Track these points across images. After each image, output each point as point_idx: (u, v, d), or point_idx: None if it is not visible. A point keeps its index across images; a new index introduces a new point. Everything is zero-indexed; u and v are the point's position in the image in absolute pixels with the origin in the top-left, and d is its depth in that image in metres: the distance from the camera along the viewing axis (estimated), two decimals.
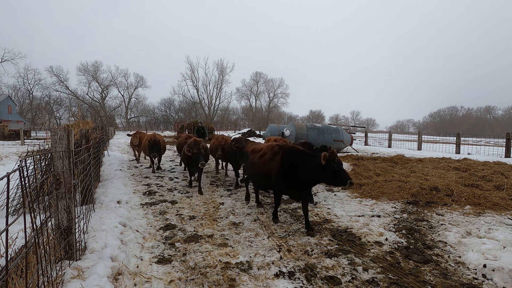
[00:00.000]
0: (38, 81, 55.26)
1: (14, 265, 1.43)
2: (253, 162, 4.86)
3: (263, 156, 4.59)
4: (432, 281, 2.89)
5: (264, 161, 4.51)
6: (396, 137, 23.28)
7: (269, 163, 4.41)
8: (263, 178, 4.58)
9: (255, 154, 4.87)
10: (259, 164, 4.60)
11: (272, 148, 4.55)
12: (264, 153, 4.60)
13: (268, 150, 4.58)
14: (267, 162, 4.46)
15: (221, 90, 65.60)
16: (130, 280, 2.78)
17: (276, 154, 4.36)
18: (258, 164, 4.65)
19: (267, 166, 4.42)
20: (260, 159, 4.61)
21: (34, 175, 3.28)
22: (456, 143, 15.10)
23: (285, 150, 4.29)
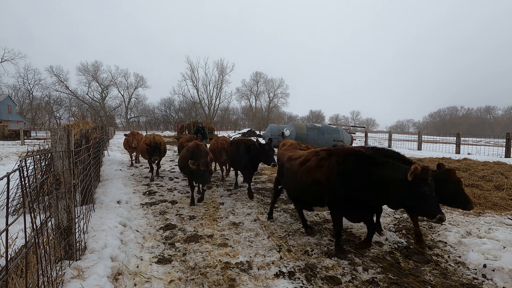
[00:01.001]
0: (38, 81, 55.29)
1: (14, 265, 1.43)
2: (291, 170, 3.96)
3: (305, 163, 3.74)
4: (432, 281, 2.89)
5: (309, 169, 3.61)
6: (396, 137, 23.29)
7: (317, 171, 3.48)
8: (307, 191, 3.67)
9: (294, 161, 4.02)
10: (300, 173, 3.72)
11: (317, 153, 3.73)
12: (307, 159, 3.77)
13: (312, 155, 3.75)
14: (313, 169, 3.55)
15: (221, 90, 65.64)
16: (130, 280, 2.78)
17: (328, 159, 3.45)
18: (298, 172, 3.76)
19: (314, 175, 3.52)
20: (302, 167, 3.74)
21: (34, 175, 3.27)
22: (456, 143, 15.09)
23: (344, 152, 3.36)
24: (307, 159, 3.77)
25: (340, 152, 3.40)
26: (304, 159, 3.82)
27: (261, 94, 70.43)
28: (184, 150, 5.90)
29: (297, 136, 15.33)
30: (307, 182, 3.59)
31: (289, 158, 4.22)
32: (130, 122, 64.77)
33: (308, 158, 3.74)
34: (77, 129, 4.59)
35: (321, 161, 3.50)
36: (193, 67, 63.33)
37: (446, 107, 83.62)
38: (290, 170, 4.04)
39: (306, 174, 3.63)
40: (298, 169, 3.81)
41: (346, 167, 3.20)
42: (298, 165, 3.84)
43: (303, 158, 3.88)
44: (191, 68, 63.28)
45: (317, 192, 3.49)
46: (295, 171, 3.86)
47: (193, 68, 63.30)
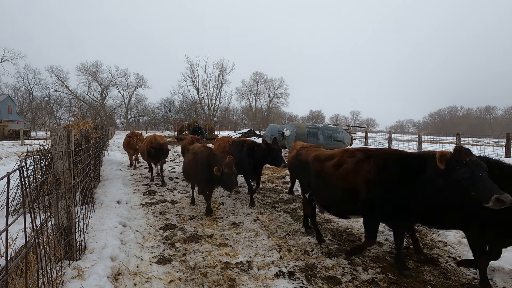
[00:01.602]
0: (38, 81, 55.23)
1: (14, 265, 1.43)
2: (323, 174, 3.47)
3: (340, 165, 3.29)
4: (432, 281, 2.89)
5: (346, 173, 3.17)
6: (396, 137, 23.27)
7: (354, 176, 3.07)
8: (343, 199, 3.21)
9: (324, 162, 3.53)
10: (335, 177, 3.26)
11: (352, 154, 3.30)
12: (342, 161, 3.31)
13: (347, 155, 3.32)
14: (350, 173, 3.12)
15: (221, 90, 65.59)
16: (130, 280, 2.78)
17: (365, 162, 3.08)
18: (332, 176, 3.31)
19: (351, 180, 3.09)
20: (337, 170, 3.29)
21: (34, 175, 3.28)
22: (456, 143, 15.09)
23: (384, 155, 3.01)
24: (341, 160, 3.31)
25: (380, 154, 3.05)
26: (338, 160, 3.34)
27: (261, 94, 70.44)
28: (190, 156, 5.16)
29: (297, 136, 15.32)
30: (344, 188, 3.15)
31: (317, 159, 3.65)
32: (130, 122, 64.73)
33: (343, 160, 3.30)
34: (77, 129, 4.60)
35: (358, 164, 3.11)
36: (193, 67, 63.32)
37: (446, 107, 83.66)
38: (320, 173, 3.48)
39: (342, 179, 3.18)
40: (332, 173, 3.32)
41: (387, 172, 2.85)
42: (332, 167, 3.34)
43: (336, 159, 3.39)
44: (191, 68, 63.28)
45: (356, 200, 3.07)
46: (328, 175, 3.35)
47: (193, 68, 63.30)
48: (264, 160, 5.50)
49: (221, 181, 4.38)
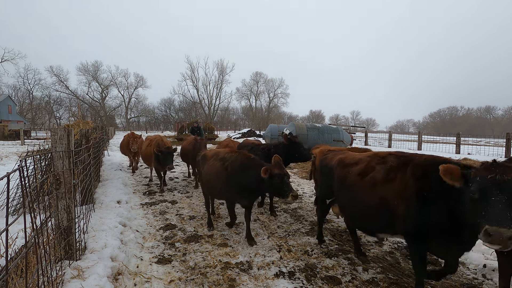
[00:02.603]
0: (38, 81, 55.21)
1: (14, 265, 1.43)
2: (347, 181, 2.97)
3: (367, 173, 2.79)
4: (432, 281, 2.89)
5: (374, 183, 2.67)
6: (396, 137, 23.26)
7: (386, 187, 2.56)
8: (371, 213, 2.70)
9: (349, 168, 3.03)
10: (361, 187, 2.77)
11: (383, 159, 2.76)
12: (369, 168, 2.80)
13: (376, 161, 2.81)
14: (379, 184, 2.62)
15: (221, 90, 65.55)
16: (130, 280, 2.78)
17: (400, 170, 2.53)
18: (358, 186, 2.81)
19: (380, 192, 2.58)
20: (363, 179, 2.79)
21: (34, 175, 3.27)
22: (456, 143, 15.09)
23: (423, 162, 2.44)
24: (369, 167, 2.81)
25: (419, 161, 2.48)
26: (365, 167, 2.83)
27: (261, 94, 70.44)
28: (217, 164, 4.06)
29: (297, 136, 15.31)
30: (371, 201, 2.65)
31: (341, 163, 3.18)
32: (130, 122, 64.75)
33: (371, 166, 2.79)
34: (77, 129, 4.59)
35: (390, 173, 2.59)
36: (193, 67, 63.27)
37: (446, 107, 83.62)
38: (344, 180, 3.01)
39: (369, 190, 2.68)
40: (356, 181, 2.83)
41: (429, 185, 2.27)
42: (357, 175, 2.85)
43: (363, 165, 2.88)
44: (191, 68, 63.23)
45: (386, 216, 2.54)
46: (353, 184, 2.86)
47: (193, 68, 63.25)
48: (291, 158, 5.09)
49: (272, 186, 3.45)
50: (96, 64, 59.90)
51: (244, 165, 3.78)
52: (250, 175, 3.64)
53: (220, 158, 4.12)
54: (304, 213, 5.17)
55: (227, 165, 3.92)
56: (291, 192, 3.33)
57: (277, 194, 3.52)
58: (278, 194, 3.50)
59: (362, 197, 2.75)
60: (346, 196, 3.05)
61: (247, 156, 3.92)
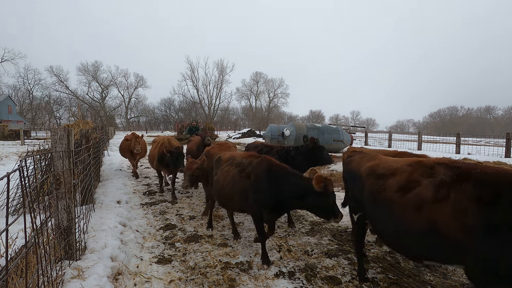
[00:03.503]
0: (38, 81, 55.26)
1: (14, 265, 1.43)
2: (381, 196, 2.39)
3: (410, 188, 2.19)
4: (432, 281, 2.89)
5: (420, 201, 2.08)
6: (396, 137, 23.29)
7: (436, 209, 1.98)
8: (414, 237, 2.14)
9: (384, 179, 2.44)
10: (402, 205, 2.20)
11: (431, 170, 2.17)
12: (412, 182, 2.20)
13: (421, 173, 2.21)
14: (427, 204, 2.03)
15: (221, 90, 65.59)
16: (130, 280, 2.78)
17: (455, 187, 1.95)
18: (397, 203, 2.24)
19: (431, 214, 2.00)
20: (404, 195, 2.20)
21: (34, 175, 3.27)
22: (456, 143, 15.09)
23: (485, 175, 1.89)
24: (412, 180, 2.21)
25: (484, 176, 1.88)
26: (407, 180, 2.24)
27: (261, 94, 70.46)
28: (233, 170, 3.53)
29: (297, 136, 15.34)
30: (416, 224, 2.07)
31: (372, 173, 2.58)
32: (130, 122, 64.78)
33: (414, 180, 2.20)
34: (77, 129, 4.59)
35: (441, 189, 1.99)
36: (193, 67, 63.32)
37: (446, 107, 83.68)
38: (377, 195, 2.42)
39: (413, 212, 2.10)
40: (395, 199, 2.25)
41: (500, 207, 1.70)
42: (396, 190, 2.27)
43: (403, 177, 2.29)
44: (191, 68, 63.27)
45: (439, 246, 1.98)
46: (389, 201, 2.29)
47: (193, 68, 63.29)
48: (313, 162, 4.78)
49: (319, 204, 2.88)
50: (96, 64, 59.97)
51: (272, 173, 3.18)
52: (284, 186, 3.06)
53: (236, 163, 3.55)
54: (304, 213, 5.17)
55: (248, 172, 3.32)
56: (339, 212, 2.87)
57: (325, 214, 2.93)
58: (326, 214, 2.92)
59: (403, 219, 2.18)
60: (381, 215, 2.43)
61: (275, 163, 3.31)
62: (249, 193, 3.24)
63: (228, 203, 3.69)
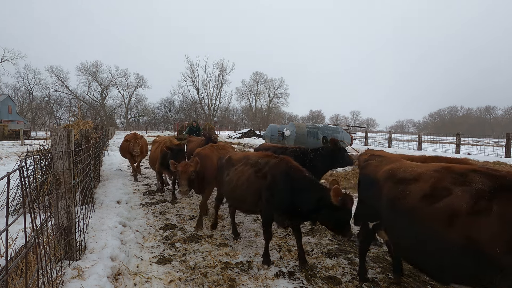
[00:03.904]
0: (38, 81, 55.28)
1: (14, 265, 1.43)
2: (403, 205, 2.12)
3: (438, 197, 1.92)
4: (432, 281, 2.89)
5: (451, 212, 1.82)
6: (396, 137, 23.29)
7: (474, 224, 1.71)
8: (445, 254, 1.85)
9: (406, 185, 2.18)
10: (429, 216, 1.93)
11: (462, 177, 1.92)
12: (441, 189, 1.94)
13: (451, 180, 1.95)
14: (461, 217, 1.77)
15: (221, 90, 65.61)
16: (130, 280, 2.78)
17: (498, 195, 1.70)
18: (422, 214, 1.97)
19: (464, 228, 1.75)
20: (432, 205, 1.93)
21: (34, 175, 3.28)
22: (456, 143, 15.09)
23: None
24: (440, 188, 1.95)
25: None
26: (433, 186, 1.96)
27: (261, 94, 70.48)
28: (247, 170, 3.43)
29: (297, 136, 15.34)
30: (447, 239, 1.81)
31: (392, 177, 2.33)
32: (130, 122, 64.79)
33: (444, 187, 1.94)
34: (77, 129, 4.59)
35: (479, 200, 1.73)
36: (193, 67, 63.31)
37: (446, 107, 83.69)
38: (397, 202, 2.15)
39: (442, 223, 1.84)
40: (419, 207, 1.97)
41: None
42: (420, 198, 2.00)
43: (428, 184, 2.01)
44: (191, 68, 63.27)
45: (477, 267, 1.70)
46: (413, 209, 2.02)
47: (193, 68, 63.29)
48: (333, 164, 4.67)
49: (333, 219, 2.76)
50: (96, 64, 59.96)
51: (290, 176, 3.06)
52: (300, 192, 2.94)
53: (252, 163, 3.45)
54: None
55: (265, 172, 3.22)
56: (350, 231, 2.77)
57: (338, 230, 2.80)
58: (339, 230, 2.79)
59: (427, 232, 1.89)
60: (401, 225, 2.15)
61: (293, 165, 3.19)
62: (263, 194, 3.16)
63: (241, 204, 3.60)
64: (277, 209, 3.10)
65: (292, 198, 2.97)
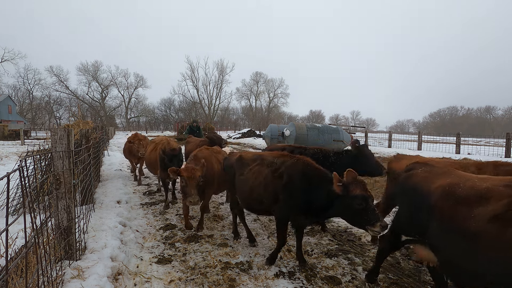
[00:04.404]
0: (38, 81, 55.29)
1: (14, 265, 1.43)
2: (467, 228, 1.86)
3: None
4: (432, 281, 2.89)
5: None
6: (396, 137, 23.28)
7: None
8: None
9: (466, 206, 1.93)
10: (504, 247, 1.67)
11: None
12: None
13: None
14: None
15: (221, 90, 65.61)
16: (130, 280, 2.78)
17: None
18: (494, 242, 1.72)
19: None
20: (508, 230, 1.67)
21: (34, 175, 3.28)
22: (456, 143, 15.10)
23: None
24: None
25: None
26: (507, 208, 1.71)
27: (261, 94, 70.50)
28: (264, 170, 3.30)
29: (297, 136, 15.34)
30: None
31: (450, 194, 2.05)
32: (130, 122, 64.80)
33: None
34: (77, 129, 4.59)
35: None
36: (193, 67, 63.31)
37: (446, 107, 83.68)
38: (457, 223, 1.91)
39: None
40: (487, 231, 1.74)
41: None
42: (489, 222, 1.75)
43: (500, 204, 1.75)
44: (191, 68, 63.27)
45: None
46: (478, 235, 1.78)
47: (193, 68, 63.29)
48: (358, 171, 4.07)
49: (350, 209, 2.61)
50: (96, 64, 59.96)
51: (307, 175, 2.99)
52: (317, 190, 2.87)
53: (268, 163, 3.33)
54: None
55: (281, 172, 3.13)
56: (379, 221, 2.43)
57: (358, 221, 2.62)
58: (359, 221, 2.61)
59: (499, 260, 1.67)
60: (460, 249, 1.90)
61: (310, 164, 3.11)
62: (280, 194, 3.06)
63: (258, 206, 3.42)
64: (295, 210, 3.02)
65: (309, 198, 2.92)
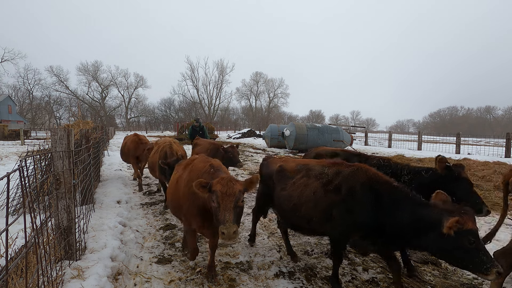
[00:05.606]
0: (38, 81, 55.36)
1: (14, 265, 1.43)
2: None
3: None
4: (432, 281, 2.89)
5: None
6: (396, 137, 23.29)
7: None
8: None
9: None
10: None
11: None
12: None
13: None
14: None
15: (221, 90, 65.69)
16: (130, 280, 2.78)
17: None
18: None
19: None
20: None
21: (34, 175, 3.27)
22: (456, 143, 15.10)
23: None
24: None
25: None
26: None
27: (261, 94, 70.55)
28: (312, 181, 2.77)
29: (297, 136, 15.35)
30: None
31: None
32: (130, 122, 64.81)
33: None
34: (77, 129, 4.59)
35: None
36: (193, 67, 63.41)
37: (446, 107, 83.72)
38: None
39: None
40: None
41: None
42: None
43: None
44: (191, 68, 63.37)
45: None
46: None
47: (193, 68, 63.38)
48: None
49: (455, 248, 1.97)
50: (96, 64, 60.03)
51: (374, 187, 2.41)
52: (390, 209, 2.29)
53: (316, 174, 2.77)
54: None
55: (337, 184, 2.56)
56: (494, 266, 1.86)
57: (465, 264, 1.97)
58: (466, 264, 1.96)
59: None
60: None
61: (376, 174, 2.51)
62: (337, 211, 2.49)
63: (305, 225, 2.81)
64: (356, 230, 2.45)
65: (378, 216, 2.32)
